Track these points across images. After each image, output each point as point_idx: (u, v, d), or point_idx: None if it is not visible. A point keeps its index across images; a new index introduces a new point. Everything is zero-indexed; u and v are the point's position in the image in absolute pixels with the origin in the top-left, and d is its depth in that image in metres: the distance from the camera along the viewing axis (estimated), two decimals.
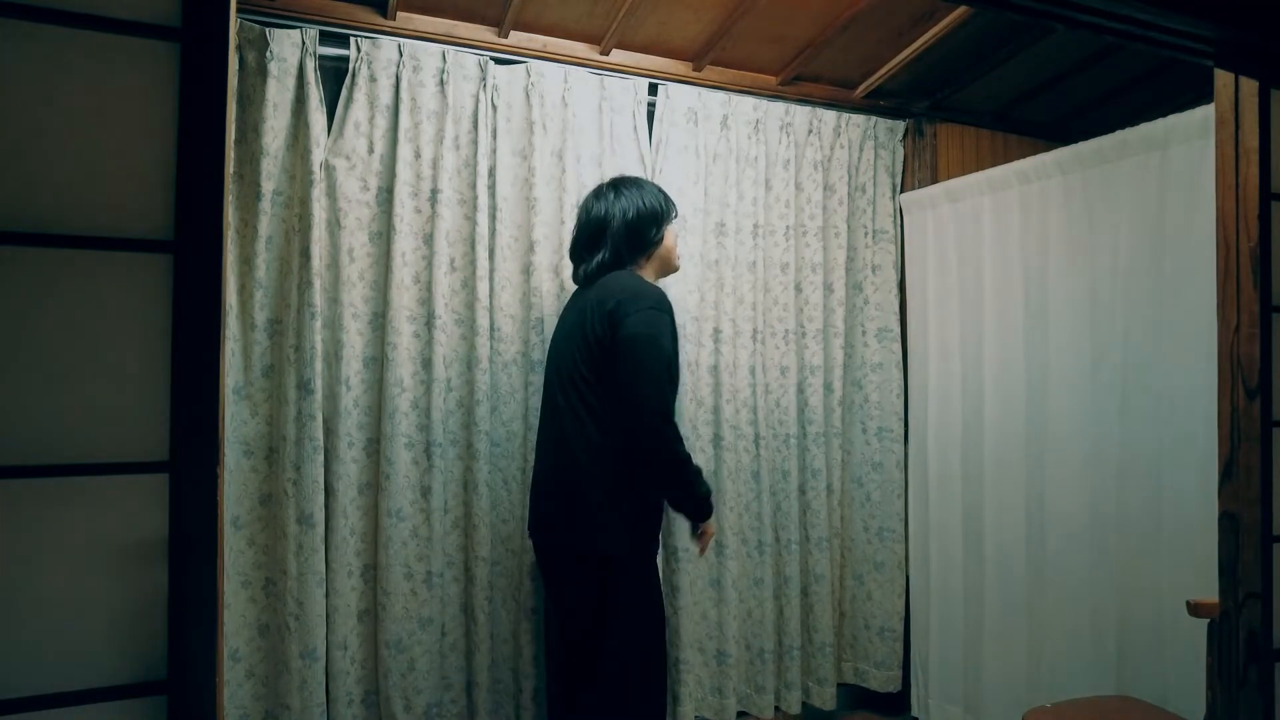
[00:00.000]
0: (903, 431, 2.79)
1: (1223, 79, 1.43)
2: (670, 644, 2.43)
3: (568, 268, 2.28)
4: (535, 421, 2.24)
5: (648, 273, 2.05)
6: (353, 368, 2.12)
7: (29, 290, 0.80)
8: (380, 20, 2.15)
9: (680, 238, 2.44)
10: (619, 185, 2.05)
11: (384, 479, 2.11)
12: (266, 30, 2.01)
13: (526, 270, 2.29)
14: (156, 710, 0.83)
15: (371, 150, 2.15)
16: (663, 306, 1.88)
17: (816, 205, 2.70)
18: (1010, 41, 2.46)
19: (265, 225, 2.04)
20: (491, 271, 2.25)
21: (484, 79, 2.24)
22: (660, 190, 2.08)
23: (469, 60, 2.23)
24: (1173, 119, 1.97)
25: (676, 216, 2.11)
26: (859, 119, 2.76)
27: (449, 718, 2.17)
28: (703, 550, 2.08)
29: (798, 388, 2.67)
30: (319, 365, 2.05)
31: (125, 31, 0.83)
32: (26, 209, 0.80)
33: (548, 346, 2.17)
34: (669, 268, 2.12)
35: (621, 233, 1.98)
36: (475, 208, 2.22)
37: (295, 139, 2.07)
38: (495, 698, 2.21)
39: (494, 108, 2.26)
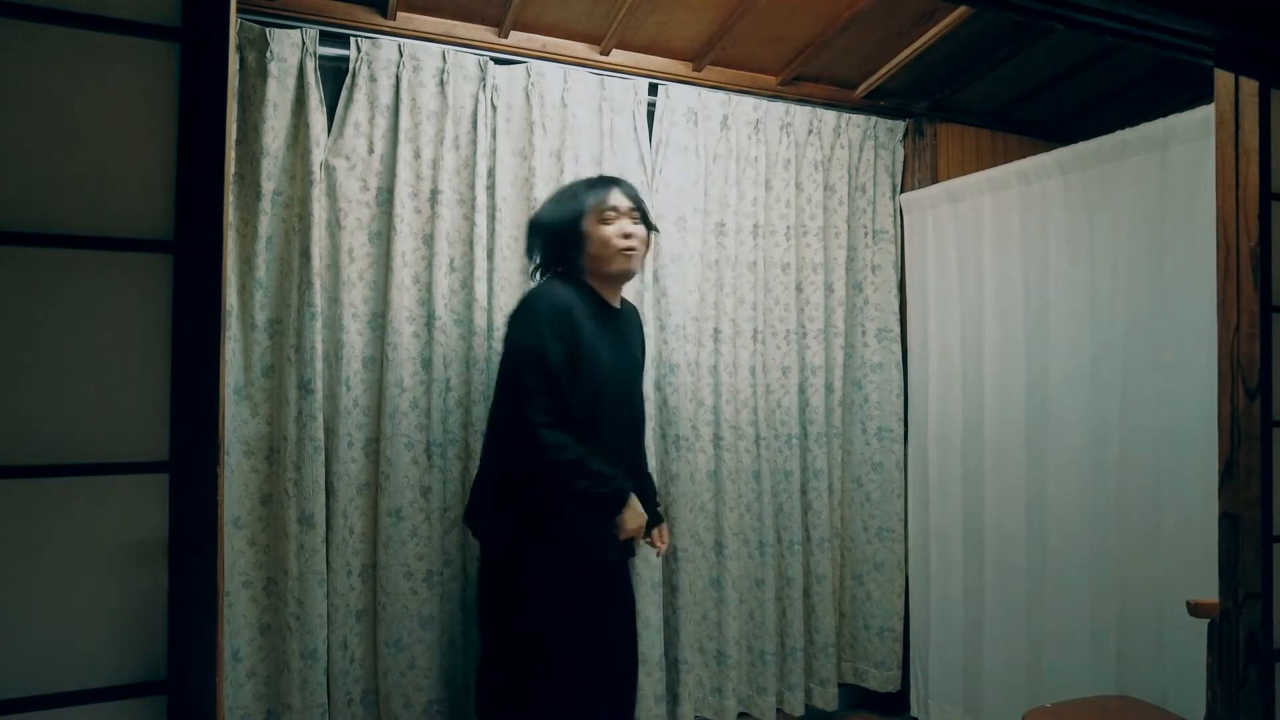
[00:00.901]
0: (903, 432, 2.79)
1: (1223, 79, 1.43)
2: (669, 644, 2.43)
3: None
4: None
5: (595, 279, 1.94)
6: (353, 368, 2.12)
7: (29, 290, 0.80)
8: (380, 20, 2.15)
9: (680, 238, 2.44)
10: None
11: (384, 479, 2.11)
12: (266, 30, 2.01)
13: (526, 271, 2.28)
14: (156, 710, 0.83)
15: (371, 150, 2.15)
16: (529, 308, 1.87)
17: (817, 205, 2.70)
18: (1010, 41, 2.46)
19: (265, 225, 2.04)
20: (490, 272, 2.25)
21: (484, 79, 2.24)
22: (576, 187, 1.97)
23: (469, 60, 2.23)
24: (1173, 119, 1.97)
25: (597, 205, 1.91)
26: (859, 119, 2.76)
27: (446, 715, 2.17)
28: (659, 552, 2.10)
29: (799, 388, 2.67)
30: (319, 365, 2.05)
31: (125, 31, 0.83)
32: (27, 209, 0.80)
33: None
34: (608, 265, 1.91)
35: (532, 242, 2.02)
36: (474, 208, 2.22)
37: (295, 139, 2.07)
38: (479, 693, 2.21)
39: (494, 108, 2.26)
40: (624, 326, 2.04)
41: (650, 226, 2.02)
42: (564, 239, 1.93)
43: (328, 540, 2.08)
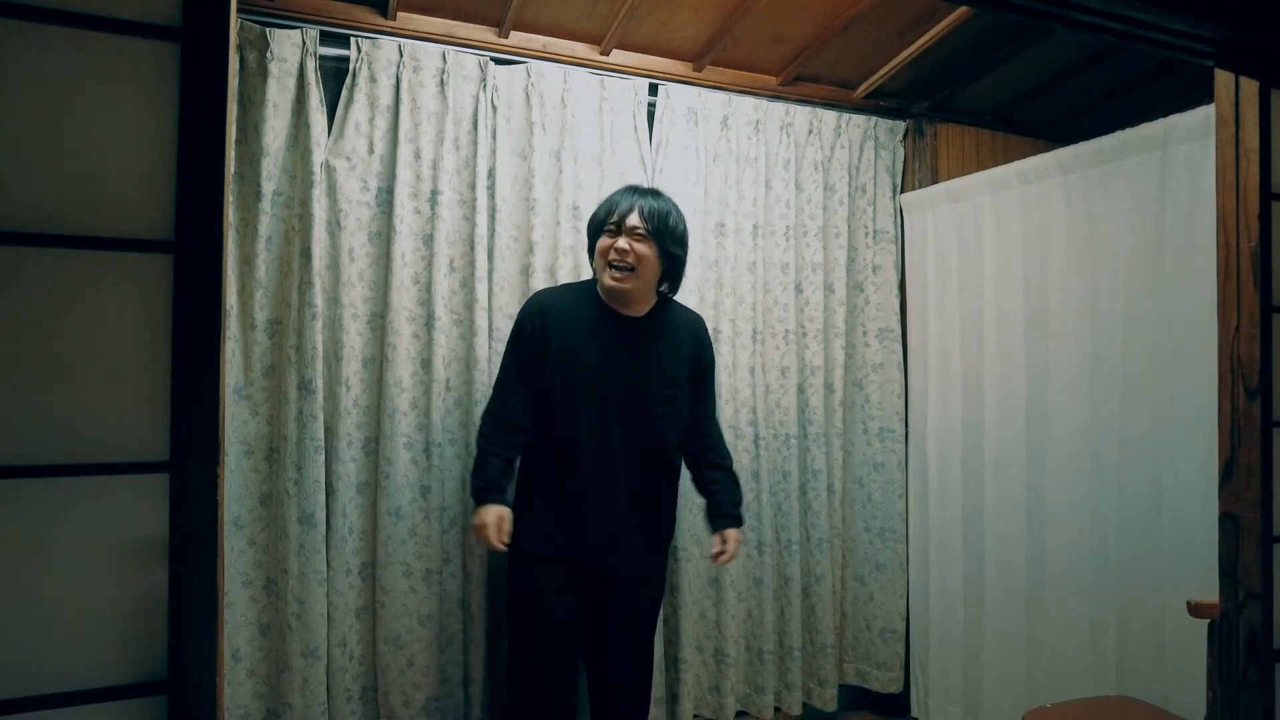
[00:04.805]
0: (904, 432, 2.79)
1: (1223, 79, 1.43)
2: (669, 643, 2.43)
3: (563, 268, 2.29)
4: None
5: (600, 287, 1.99)
6: (352, 368, 2.12)
7: (29, 290, 0.80)
8: (380, 20, 2.15)
9: None
10: None
11: (383, 478, 2.11)
12: (267, 30, 2.01)
13: (526, 271, 2.29)
14: (156, 710, 0.83)
15: (372, 151, 2.15)
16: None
17: (817, 205, 2.70)
18: (1010, 41, 2.46)
19: (265, 225, 2.04)
20: (490, 272, 2.25)
21: (484, 79, 2.24)
22: (615, 193, 2.00)
23: (469, 60, 2.23)
24: (1173, 119, 1.97)
25: (608, 215, 1.95)
26: (859, 119, 2.76)
27: (446, 712, 2.18)
28: (716, 559, 2.05)
29: (798, 388, 2.67)
30: (319, 365, 2.05)
31: (125, 31, 0.83)
32: (27, 209, 0.80)
33: None
34: (600, 276, 1.97)
35: None
36: (474, 208, 2.22)
37: (295, 139, 2.07)
38: (492, 692, 2.22)
39: (494, 108, 2.26)
40: (645, 339, 2.00)
41: (671, 254, 1.96)
42: (589, 242, 2.04)
43: (327, 539, 2.08)
